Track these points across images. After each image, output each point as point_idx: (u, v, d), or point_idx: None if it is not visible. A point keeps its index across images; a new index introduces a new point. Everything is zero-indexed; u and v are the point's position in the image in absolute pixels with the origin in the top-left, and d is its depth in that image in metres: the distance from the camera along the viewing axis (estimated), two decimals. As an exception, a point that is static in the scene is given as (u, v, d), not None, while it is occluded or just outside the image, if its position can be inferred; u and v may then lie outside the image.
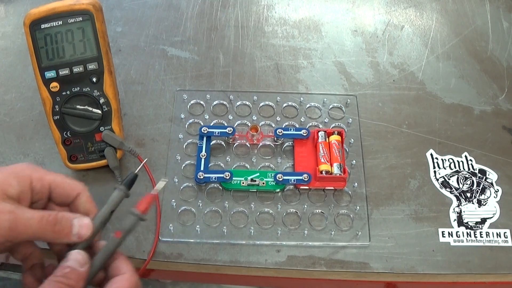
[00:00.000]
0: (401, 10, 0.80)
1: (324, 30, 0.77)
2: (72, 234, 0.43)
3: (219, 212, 0.59)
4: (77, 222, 0.43)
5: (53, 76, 0.54)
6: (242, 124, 0.66)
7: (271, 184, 0.60)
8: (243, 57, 0.73)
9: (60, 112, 0.56)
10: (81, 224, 0.43)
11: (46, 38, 0.53)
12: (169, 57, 0.73)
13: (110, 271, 0.44)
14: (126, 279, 0.43)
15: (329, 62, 0.73)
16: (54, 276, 0.41)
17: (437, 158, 0.64)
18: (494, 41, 0.76)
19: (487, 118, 0.68)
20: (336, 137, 0.62)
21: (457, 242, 0.58)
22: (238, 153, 0.64)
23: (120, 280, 0.43)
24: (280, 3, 0.80)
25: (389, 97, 0.70)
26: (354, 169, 0.63)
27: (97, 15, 0.53)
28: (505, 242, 0.58)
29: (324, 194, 0.61)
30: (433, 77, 0.72)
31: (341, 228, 0.59)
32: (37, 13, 0.52)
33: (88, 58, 0.55)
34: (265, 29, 0.77)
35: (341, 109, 0.68)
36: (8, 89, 0.69)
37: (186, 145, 0.64)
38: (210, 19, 0.78)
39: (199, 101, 0.68)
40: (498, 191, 0.62)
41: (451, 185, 0.62)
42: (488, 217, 0.60)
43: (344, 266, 0.56)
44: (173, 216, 0.59)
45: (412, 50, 0.75)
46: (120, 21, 0.76)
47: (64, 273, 0.41)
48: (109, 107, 0.57)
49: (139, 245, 0.57)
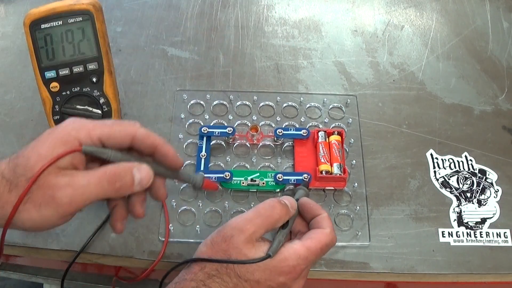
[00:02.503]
0: (401, 10, 0.80)
1: (324, 30, 0.77)
2: (135, 185, 0.42)
3: (219, 212, 0.59)
4: (137, 172, 0.42)
5: (53, 76, 0.55)
6: (242, 124, 0.66)
7: (271, 184, 0.60)
8: (243, 57, 0.73)
9: (60, 112, 0.56)
10: (142, 173, 0.43)
11: (46, 38, 0.53)
12: (169, 57, 0.73)
13: (313, 223, 0.50)
14: (325, 234, 0.48)
15: (329, 62, 0.73)
16: None
17: (437, 158, 0.64)
18: (494, 41, 0.76)
19: (487, 118, 0.68)
20: (336, 137, 0.62)
21: (457, 242, 0.58)
22: (238, 153, 0.64)
23: (320, 232, 0.48)
24: (280, 3, 0.80)
25: (389, 97, 0.70)
26: (354, 169, 0.63)
27: (97, 15, 0.53)
28: (505, 242, 0.58)
29: (324, 194, 0.61)
30: (433, 77, 0.72)
31: (341, 228, 0.59)
32: (37, 13, 0.52)
33: (88, 58, 0.55)
34: (265, 29, 0.77)
35: (341, 109, 0.68)
36: (8, 89, 0.69)
37: (186, 145, 0.64)
38: (210, 19, 0.78)
39: (199, 101, 0.68)
40: (498, 191, 0.62)
41: (451, 185, 0.62)
42: (488, 217, 0.60)
43: (344, 266, 0.56)
44: (173, 216, 0.59)
45: (412, 50, 0.75)
46: (120, 21, 0.76)
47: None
48: (109, 107, 0.57)
49: (139, 245, 0.57)
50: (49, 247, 0.57)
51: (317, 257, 0.48)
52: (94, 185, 0.40)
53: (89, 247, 0.57)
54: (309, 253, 0.47)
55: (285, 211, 0.48)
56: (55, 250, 0.57)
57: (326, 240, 0.48)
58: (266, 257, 0.45)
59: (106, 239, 0.57)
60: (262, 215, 0.47)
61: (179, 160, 0.46)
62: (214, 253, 0.46)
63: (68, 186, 0.40)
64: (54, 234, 0.57)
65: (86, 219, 0.58)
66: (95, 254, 0.57)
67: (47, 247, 0.57)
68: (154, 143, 0.44)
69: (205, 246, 0.47)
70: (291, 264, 0.46)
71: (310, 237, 0.48)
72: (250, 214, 0.47)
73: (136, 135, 0.43)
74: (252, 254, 0.46)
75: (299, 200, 0.51)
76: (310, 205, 0.50)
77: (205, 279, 0.45)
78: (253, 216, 0.47)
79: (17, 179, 0.39)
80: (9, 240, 0.57)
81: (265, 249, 0.46)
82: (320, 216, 0.50)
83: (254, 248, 0.46)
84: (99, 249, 0.57)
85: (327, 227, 0.49)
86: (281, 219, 0.48)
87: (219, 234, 0.47)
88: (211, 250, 0.46)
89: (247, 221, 0.47)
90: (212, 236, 0.48)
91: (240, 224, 0.46)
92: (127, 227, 0.57)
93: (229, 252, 0.45)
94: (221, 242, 0.46)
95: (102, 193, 0.41)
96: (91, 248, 0.57)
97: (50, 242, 0.57)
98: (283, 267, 0.46)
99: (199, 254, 0.47)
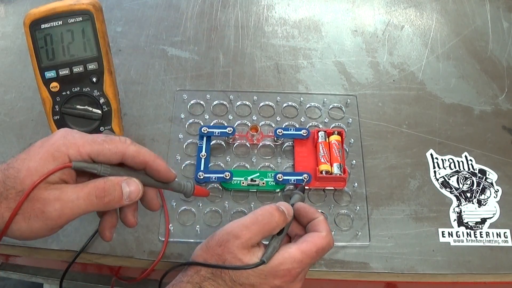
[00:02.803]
0: (401, 10, 0.80)
1: (324, 30, 0.77)
2: (124, 199, 0.43)
3: (219, 212, 0.59)
4: (126, 186, 0.43)
5: (53, 76, 0.54)
6: (242, 124, 0.66)
7: (271, 184, 0.60)
8: (243, 57, 0.73)
9: (60, 112, 0.56)
10: (131, 187, 0.43)
11: (46, 38, 0.53)
12: (169, 57, 0.73)
13: (310, 226, 0.50)
14: (321, 237, 0.48)
15: (329, 62, 0.73)
16: None
17: (437, 158, 0.64)
18: (494, 41, 0.76)
19: (487, 118, 0.68)
20: (336, 137, 0.62)
21: (457, 242, 0.58)
22: (238, 153, 0.64)
23: (316, 235, 0.48)
24: (280, 3, 0.80)
25: (389, 97, 0.70)
26: (354, 169, 0.63)
27: (97, 15, 0.53)
28: (505, 242, 0.58)
29: (324, 194, 0.61)
30: (433, 77, 0.72)
31: (341, 228, 0.59)
32: (37, 13, 0.52)
33: (88, 58, 0.55)
34: (265, 29, 0.77)
35: (341, 109, 0.68)
36: (8, 89, 0.69)
37: (186, 145, 0.64)
38: (210, 19, 0.78)
39: (199, 101, 0.68)
40: (498, 191, 0.62)
41: (451, 185, 0.62)
42: (488, 217, 0.60)
43: (344, 266, 0.56)
44: (173, 216, 0.59)
45: (412, 50, 0.75)
46: (120, 21, 0.76)
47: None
48: (109, 107, 0.57)
49: (139, 245, 0.57)
50: (49, 247, 0.57)
51: (313, 260, 0.48)
52: (83, 199, 0.41)
53: (89, 247, 0.57)
54: (304, 256, 0.47)
55: (283, 218, 0.48)
56: (55, 250, 0.57)
57: (322, 243, 0.48)
58: (260, 263, 0.45)
59: (106, 239, 0.57)
60: (259, 222, 0.47)
61: (171, 174, 0.47)
62: (209, 257, 0.46)
63: (58, 201, 0.41)
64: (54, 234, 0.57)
65: (86, 219, 0.58)
66: (95, 254, 0.57)
67: (47, 247, 0.57)
68: (144, 160, 0.45)
69: (200, 250, 0.47)
70: (286, 268, 0.46)
71: (306, 240, 0.48)
72: (247, 219, 0.47)
73: (126, 153, 0.44)
74: (247, 259, 0.45)
75: (294, 205, 0.51)
76: (306, 209, 0.50)
77: (200, 282, 0.45)
78: (250, 223, 0.47)
79: (7, 192, 0.40)
80: (9, 240, 0.57)
81: (260, 254, 0.46)
82: (317, 220, 0.50)
83: (249, 254, 0.46)
84: (99, 249, 0.57)
85: (323, 230, 0.49)
86: (278, 226, 0.48)
87: (214, 238, 0.47)
88: (206, 254, 0.46)
89: (243, 227, 0.46)
90: (208, 240, 0.48)
91: (236, 230, 0.46)
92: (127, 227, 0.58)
93: (224, 256, 0.45)
94: (216, 246, 0.46)
95: (91, 207, 0.42)
96: (91, 248, 0.57)
97: (50, 242, 0.57)
98: (278, 271, 0.46)
99: (195, 258, 0.47)
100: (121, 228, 0.58)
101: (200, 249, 0.48)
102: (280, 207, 0.49)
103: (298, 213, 0.51)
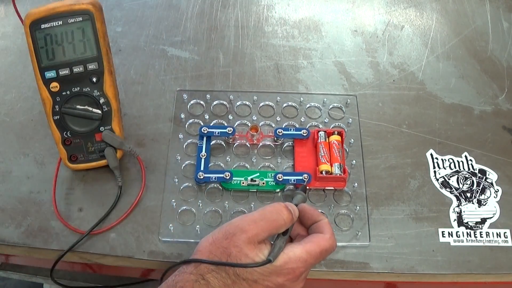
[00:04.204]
0: (401, 10, 0.80)
1: (324, 30, 0.77)
2: None
3: (219, 212, 0.59)
4: None
5: (53, 76, 0.54)
6: (242, 124, 0.66)
7: (271, 184, 0.60)
8: (243, 57, 0.73)
9: (60, 112, 0.56)
10: None
11: (46, 38, 0.53)
12: (169, 57, 0.73)
13: (314, 228, 0.51)
14: (325, 239, 0.49)
15: (329, 62, 0.73)
16: None
17: (437, 158, 0.64)
18: (494, 41, 0.76)
19: (487, 118, 0.68)
20: (336, 137, 0.62)
21: (457, 242, 0.58)
22: (238, 153, 0.64)
23: (321, 237, 0.49)
24: (280, 3, 0.80)
25: (389, 97, 0.70)
26: (354, 169, 0.63)
27: (97, 15, 0.53)
28: (505, 242, 0.58)
29: (324, 194, 0.61)
30: (433, 77, 0.72)
31: (341, 228, 0.59)
32: (37, 13, 0.52)
33: (88, 58, 0.55)
34: (265, 29, 0.77)
35: (341, 109, 0.68)
36: (8, 89, 0.69)
37: (186, 145, 0.64)
38: (210, 19, 0.78)
39: (199, 101, 0.68)
40: (498, 191, 0.62)
41: (451, 185, 0.62)
42: (488, 217, 0.60)
43: (344, 266, 0.57)
44: (173, 216, 0.59)
45: (412, 50, 0.75)
46: (120, 21, 0.76)
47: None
48: (109, 107, 0.57)
49: (139, 245, 0.57)
50: (49, 247, 0.57)
51: (317, 260, 0.48)
52: None
53: (89, 247, 0.57)
54: (309, 257, 0.47)
55: (291, 217, 0.49)
56: (55, 250, 0.57)
57: (326, 244, 0.48)
58: (267, 261, 0.45)
59: (106, 239, 0.57)
60: (267, 218, 0.47)
61: None
62: (214, 249, 0.46)
63: None
64: (54, 234, 0.58)
65: (86, 219, 0.58)
66: (95, 254, 0.57)
67: (47, 247, 0.57)
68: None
69: (206, 241, 0.48)
70: (290, 267, 0.46)
71: (311, 241, 0.48)
72: (255, 215, 0.48)
73: None
74: (253, 255, 0.46)
75: (298, 207, 0.51)
76: (310, 211, 0.51)
77: (204, 273, 0.45)
78: (258, 218, 0.47)
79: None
80: (9, 240, 0.57)
81: (266, 252, 0.47)
82: (321, 222, 0.50)
83: (256, 250, 0.46)
84: (99, 249, 0.57)
85: (327, 233, 0.49)
86: (286, 225, 0.48)
87: (221, 231, 0.47)
88: (211, 246, 0.47)
89: (251, 221, 0.47)
90: (214, 232, 0.48)
91: (244, 224, 0.47)
92: (127, 227, 0.58)
93: (230, 250, 0.46)
94: (222, 239, 0.47)
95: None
96: (91, 248, 0.57)
97: (50, 242, 0.57)
98: (282, 269, 0.46)
99: (200, 249, 0.47)
100: (121, 228, 0.58)
101: (206, 241, 0.48)
102: (289, 206, 0.49)
103: (302, 214, 0.51)
